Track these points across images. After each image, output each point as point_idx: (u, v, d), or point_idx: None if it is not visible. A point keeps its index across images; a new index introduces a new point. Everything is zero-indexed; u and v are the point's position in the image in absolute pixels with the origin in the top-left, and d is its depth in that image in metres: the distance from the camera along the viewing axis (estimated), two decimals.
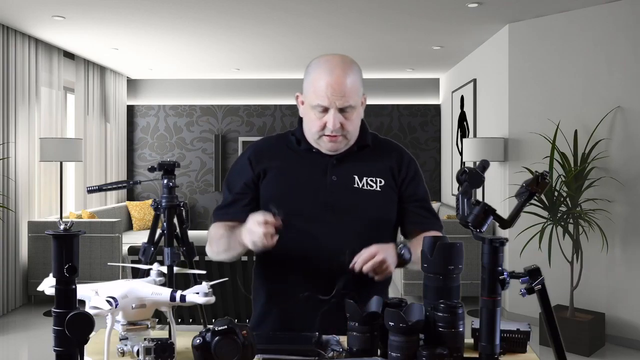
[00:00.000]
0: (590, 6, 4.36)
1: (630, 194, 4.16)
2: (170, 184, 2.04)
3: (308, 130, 1.55)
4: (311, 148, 1.57)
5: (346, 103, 1.47)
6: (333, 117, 1.47)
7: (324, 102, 1.47)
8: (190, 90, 8.08)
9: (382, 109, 7.95)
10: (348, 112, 1.49)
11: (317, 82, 1.48)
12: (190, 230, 2.35)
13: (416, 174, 1.63)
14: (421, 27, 5.08)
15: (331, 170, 1.55)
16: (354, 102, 1.49)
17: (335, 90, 1.46)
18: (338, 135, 1.50)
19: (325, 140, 1.52)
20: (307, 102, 1.53)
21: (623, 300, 4.19)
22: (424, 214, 1.61)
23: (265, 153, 1.61)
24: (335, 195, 1.53)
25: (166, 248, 2.06)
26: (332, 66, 1.48)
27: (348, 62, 1.51)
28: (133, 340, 1.31)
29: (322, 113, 1.49)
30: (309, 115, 1.53)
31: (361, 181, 1.55)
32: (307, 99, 1.53)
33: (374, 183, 1.56)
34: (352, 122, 1.52)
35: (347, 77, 1.47)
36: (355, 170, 1.56)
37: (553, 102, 4.58)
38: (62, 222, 1.09)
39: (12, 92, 5.02)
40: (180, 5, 4.38)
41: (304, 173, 1.56)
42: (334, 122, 1.47)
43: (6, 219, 4.88)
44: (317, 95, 1.48)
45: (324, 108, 1.48)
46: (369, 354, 1.22)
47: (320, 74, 1.48)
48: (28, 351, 4.18)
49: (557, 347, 1.13)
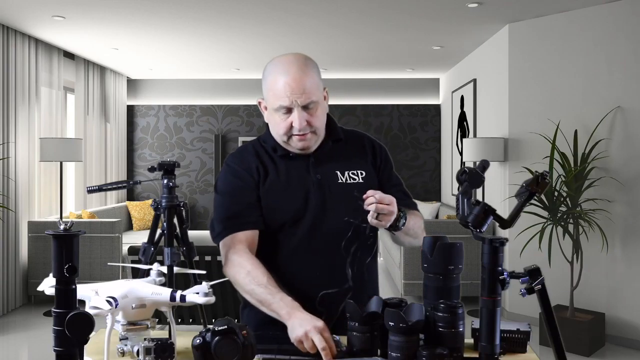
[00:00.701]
0: (590, 6, 4.36)
1: (630, 194, 4.16)
2: (170, 184, 2.04)
3: (276, 133, 1.54)
4: (288, 153, 1.57)
5: (308, 100, 1.47)
6: (298, 116, 1.47)
7: (285, 102, 1.46)
8: (190, 90, 8.08)
9: (382, 109, 7.95)
10: (311, 108, 1.49)
11: (275, 84, 1.47)
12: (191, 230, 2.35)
13: (387, 158, 1.67)
14: (421, 27, 5.08)
15: (313, 169, 1.56)
16: (316, 98, 1.49)
17: (294, 88, 1.45)
18: (307, 133, 1.50)
19: (295, 140, 1.51)
20: (270, 106, 1.52)
21: (623, 300, 4.19)
22: (402, 197, 1.61)
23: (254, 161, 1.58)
24: (324, 193, 1.54)
25: (166, 248, 2.05)
26: (287, 65, 1.47)
27: (302, 59, 1.50)
28: (133, 340, 1.31)
29: (286, 114, 1.49)
30: (273, 118, 1.52)
31: (343, 176, 1.57)
32: (269, 103, 1.52)
33: (356, 176, 1.58)
34: (318, 117, 1.51)
35: (304, 74, 1.46)
36: (336, 166, 1.58)
37: (553, 102, 4.58)
38: (62, 222, 1.09)
39: (12, 92, 5.02)
40: (180, 5, 4.38)
41: (291, 177, 1.56)
42: (300, 121, 1.47)
43: (6, 219, 4.88)
44: (278, 96, 1.47)
45: (287, 108, 1.47)
46: (369, 354, 1.22)
47: (277, 75, 1.48)
48: (28, 351, 4.18)
49: (557, 347, 1.13)
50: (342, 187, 1.55)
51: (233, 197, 1.56)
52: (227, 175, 1.59)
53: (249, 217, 1.53)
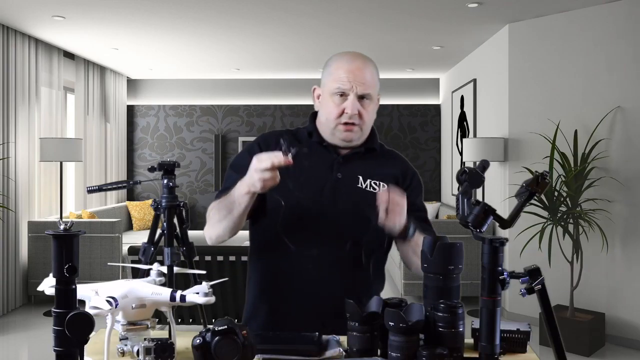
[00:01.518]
0: (590, 6, 4.36)
1: (630, 194, 4.16)
2: (170, 184, 2.04)
3: (325, 119, 1.57)
4: (322, 141, 1.59)
5: (365, 90, 1.52)
6: (352, 102, 1.51)
7: (345, 85, 1.51)
8: (190, 90, 8.08)
9: (382, 109, 7.95)
10: (366, 101, 1.54)
11: (338, 70, 1.53)
12: (190, 230, 2.35)
13: (418, 186, 1.66)
14: (421, 27, 5.08)
15: (337, 167, 1.56)
16: (372, 92, 1.55)
17: (356, 75, 1.52)
18: (354, 125, 1.53)
19: (341, 129, 1.54)
20: (327, 90, 1.56)
21: (623, 300, 4.19)
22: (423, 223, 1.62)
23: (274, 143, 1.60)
24: (338, 193, 1.54)
25: (166, 248, 2.06)
26: (353, 57, 1.56)
27: (367, 58, 1.59)
28: (133, 340, 1.31)
29: (341, 98, 1.52)
30: (327, 103, 1.56)
31: (365, 182, 1.57)
32: (326, 87, 1.56)
33: (377, 186, 1.57)
34: (369, 113, 1.56)
35: (367, 67, 1.55)
36: (360, 171, 1.57)
37: (553, 102, 4.59)
38: (62, 222, 1.09)
39: (12, 92, 5.02)
40: (180, 5, 4.38)
41: (310, 166, 1.56)
42: (353, 107, 1.51)
43: (6, 219, 4.88)
44: (338, 80, 1.52)
45: (344, 94, 1.52)
46: (369, 354, 1.22)
47: (342, 62, 1.54)
48: (28, 351, 4.18)
49: (557, 347, 1.13)
50: (359, 192, 1.55)
51: (236, 171, 1.57)
52: (244, 150, 1.63)
53: None
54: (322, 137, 1.59)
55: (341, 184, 1.55)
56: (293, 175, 1.54)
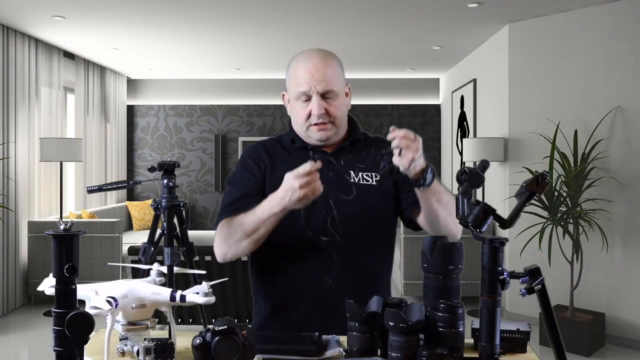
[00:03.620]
0: (590, 6, 4.36)
1: (630, 194, 4.16)
2: (170, 184, 2.04)
3: (296, 123, 1.57)
4: (305, 145, 1.59)
5: (327, 87, 1.49)
6: (316, 103, 1.49)
7: (304, 87, 1.49)
8: (190, 90, 8.08)
9: (382, 109, 7.95)
10: (331, 98, 1.51)
11: (297, 72, 1.52)
12: (190, 230, 2.36)
13: None
14: (421, 27, 5.08)
15: (327, 166, 1.55)
16: (336, 88, 1.51)
17: (314, 75, 1.49)
18: (326, 123, 1.52)
19: (314, 130, 1.53)
20: (291, 95, 1.55)
21: (623, 300, 4.19)
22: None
23: (263, 154, 1.61)
24: (333, 191, 1.54)
25: (166, 248, 2.06)
26: (309, 55, 1.53)
27: (326, 52, 1.55)
28: (133, 340, 1.31)
29: (305, 102, 1.51)
30: (294, 108, 1.56)
31: (357, 176, 1.57)
32: (290, 92, 1.56)
33: (370, 178, 1.57)
34: (337, 107, 1.53)
35: (325, 63, 1.51)
36: (351, 166, 1.57)
37: (553, 102, 4.58)
38: (62, 222, 1.09)
39: (12, 92, 5.02)
40: (180, 5, 4.38)
41: None
42: (318, 107, 1.49)
43: (6, 219, 4.88)
44: (298, 83, 1.51)
45: (306, 95, 1.50)
46: (369, 354, 1.22)
47: (299, 63, 1.53)
48: (28, 351, 4.18)
49: (557, 347, 1.13)
50: (354, 186, 1.55)
51: (237, 186, 1.58)
52: (238, 166, 1.63)
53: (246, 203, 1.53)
54: (304, 142, 1.59)
55: (334, 183, 1.54)
56: None
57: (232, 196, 1.57)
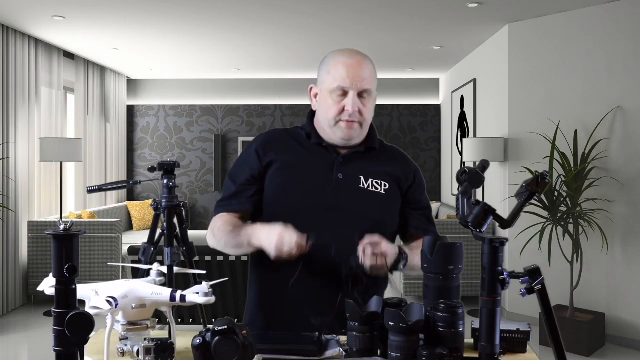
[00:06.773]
0: (590, 6, 4.36)
1: (630, 194, 4.16)
2: (170, 184, 2.04)
3: (324, 117, 1.55)
4: (321, 142, 1.57)
5: (365, 86, 1.51)
6: (352, 99, 1.50)
7: (345, 83, 1.49)
8: (190, 90, 8.08)
9: (382, 109, 7.95)
10: (366, 97, 1.52)
11: (337, 67, 1.52)
12: (190, 230, 2.35)
13: (421, 183, 1.66)
14: (421, 27, 5.08)
15: (338, 168, 1.55)
16: (372, 88, 1.53)
17: (356, 72, 1.50)
18: (355, 121, 1.52)
19: (343, 126, 1.52)
20: (325, 88, 1.54)
21: (623, 300, 4.19)
22: (426, 222, 1.63)
23: (273, 145, 1.60)
24: (340, 194, 1.53)
25: (166, 248, 2.06)
26: (350, 53, 1.54)
27: (365, 54, 1.57)
28: (133, 340, 1.31)
29: (340, 97, 1.51)
30: (326, 102, 1.54)
31: (367, 182, 1.55)
32: (324, 86, 1.54)
33: (379, 186, 1.56)
34: (368, 110, 1.54)
35: (365, 63, 1.53)
36: (362, 170, 1.56)
37: (553, 102, 4.59)
38: (62, 222, 1.09)
39: (12, 92, 5.02)
40: (180, 5, 4.38)
41: (311, 168, 1.56)
42: (354, 104, 1.50)
43: (6, 219, 4.88)
44: (338, 78, 1.50)
45: (344, 91, 1.50)
46: (369, 354, 1.22)
47: (340, 59, 1.53)
48: (28, 351, 4.18)
49: (557, 347, 1.13)
50: (361, 192, 1.54)
51: (233, 178, 1.61)
52: (241, 157, 1.64)
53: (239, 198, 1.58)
54: (321, 138, 1.57)
55: (342, 185, 1.53)
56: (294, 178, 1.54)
57: (228, 190, 1.60)
